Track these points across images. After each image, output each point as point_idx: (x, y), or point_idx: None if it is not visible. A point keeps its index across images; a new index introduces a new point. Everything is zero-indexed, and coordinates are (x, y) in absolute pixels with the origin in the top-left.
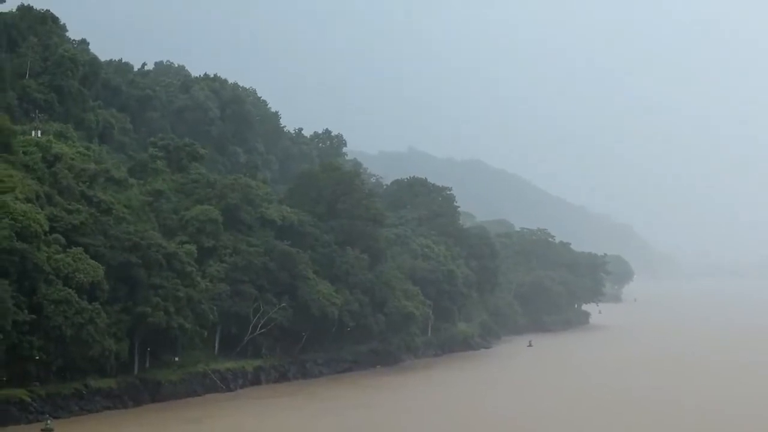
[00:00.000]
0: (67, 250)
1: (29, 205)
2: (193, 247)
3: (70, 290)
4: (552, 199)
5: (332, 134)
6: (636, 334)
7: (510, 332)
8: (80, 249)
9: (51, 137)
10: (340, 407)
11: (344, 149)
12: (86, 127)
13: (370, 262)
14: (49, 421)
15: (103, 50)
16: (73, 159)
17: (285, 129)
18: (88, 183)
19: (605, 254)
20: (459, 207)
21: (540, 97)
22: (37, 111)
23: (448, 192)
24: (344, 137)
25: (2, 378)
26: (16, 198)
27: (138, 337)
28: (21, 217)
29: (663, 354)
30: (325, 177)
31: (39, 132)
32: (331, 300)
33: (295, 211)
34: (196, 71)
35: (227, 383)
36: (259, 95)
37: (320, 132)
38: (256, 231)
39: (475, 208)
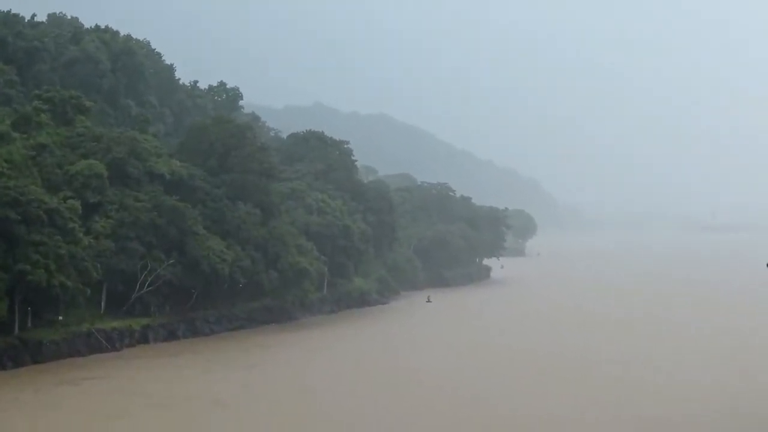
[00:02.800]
0: None
1: None
2: (77, 203)
3: None
4: (459, 153)
5: (228, 87)
6: (535, 288)
7: (409, 288)
8: None
9: None
10: (223, 366)
11: (246, 103)
12: None
13: (262, 217)
14: None
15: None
16: None
17: (181, 82)
18: None
19: (506, 208)
20: (357, 161)
21: (451, 49)
22: None
23: (346, 146)
24: (241, 90)
25: None
26: None
27: (18, 295)
28: None
29: (559, 307)
30: (217, 130)
31: None
32: (222, 256)
33: (186, 165)
34: (90, 23)
35: (113, 343)
36: (153, 47)
37: (215, 85)
38: (144, 186)
39: (380, 162)
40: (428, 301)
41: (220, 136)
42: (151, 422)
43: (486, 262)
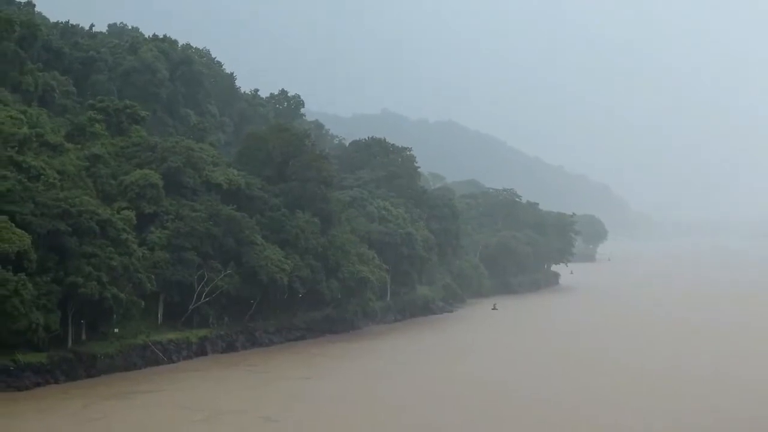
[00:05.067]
0: None
1: None
2: (132, 214)
3: None
4: (529, 159)
5: (289, 95)
6: (606, 295)
7: (475, 295)
8: (5, 217)
9: None
10: (278, 378)
11: (314, 111)
12: (23, 90)
13: (322, 225)
14: None
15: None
16: (2, 123)
17: (241, 90)
18: (17, 148)
19: (573, 213)
20: (422, 168)
21: (523, 56)
22: None
23: (409, 152)
24: (307, 99)
25: None
26: None
27: (71, 308)
28: None
29: (632, 313)
30: (275, 138)
31: None
32: (280, 266)
33: (243, 174)
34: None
35: (169, 355)
36: (213, 56)
37: (276, 93)
38: (200, 195)
39: (449, 170)
40: (494, 308)
41: (278, 144)
42: None
43: (554, 268)
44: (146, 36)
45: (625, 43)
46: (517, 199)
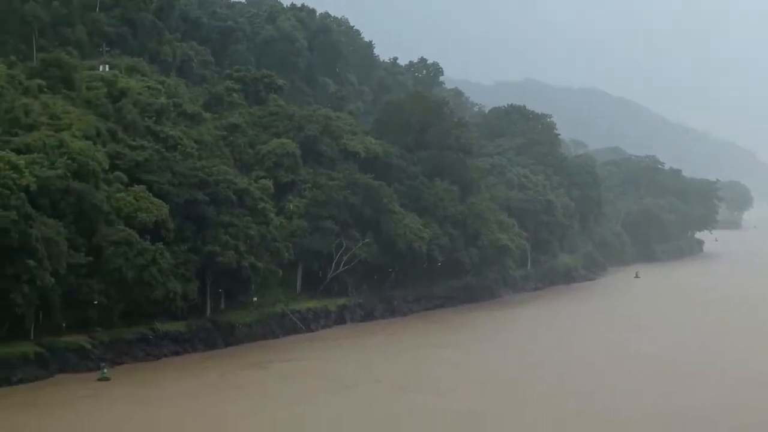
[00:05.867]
0: (129, 188)
1: (88, 142)
2: (269, 182)
3: (131, 230)
4: (674, 125)
5: (428, 63)
6: (754, 263)
7: (617, 263)
8: (143, 187)
9: (117, 72)
10: (418, 347)
11: (456, 80)
12: (162, 61)
13: (460, 193)
14: (105, 370)
15: None
16: (140, 94)
17: (380, 59)
18: (154, 118)
19: (717, 180)
20: (563, 135)
21: (670, 20)
22: (104, 45)
23: (549, 119)
24: (447, 68)
25: (61, 324)
26: (73, 135)
27: (209, 278)
28: (78, 155)
29: None
30: (413, 106)
31: (107, 66)
32: (419, 234)
33: (381, 142)
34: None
35: (308, 324)
36: (352, 25)
37: (415, 61)
38: (337, 164)
39: (592, 137)
40: (636, 276)
41: (416, 112)
42: (328, 407)
43: (698, 235)
44: (284, 5)
45: None
46: (659, 166)
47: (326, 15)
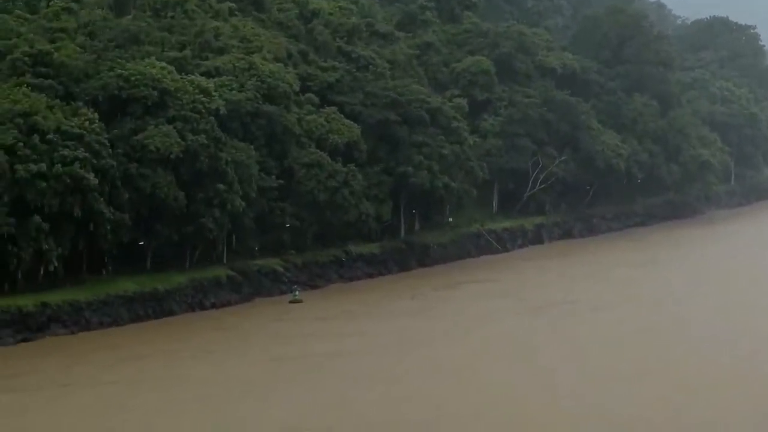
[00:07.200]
0: (321, 110)
1: (278, 64)
2: (463, 101)
3: (322, 152)
4: None
5: None
6: None
7: None
8: (334, 108)
9: None
10: (618, 266)
11: None
12: None
13: (660, 108)
14: (297, 292)
15: None
16: (331, 14)
17: None
18: (346, 38)
19: None
20: (765, 46)
21: None
22: None
23: (753, 30)
24: None
25: (253, 248)
26: (264, 58)
27: (402, 199)
28: (268, 78)
29: None
30: (610, 20)
31: None
32: (617, 151)
33: (578, 58)
34: None
35: (503, 243)
36: None
37: None
38: (533, 81)
39: None
40: None
41: (613, 26)
42: (510, 330)
43: None
44: None
45: None
46: None
47: None
